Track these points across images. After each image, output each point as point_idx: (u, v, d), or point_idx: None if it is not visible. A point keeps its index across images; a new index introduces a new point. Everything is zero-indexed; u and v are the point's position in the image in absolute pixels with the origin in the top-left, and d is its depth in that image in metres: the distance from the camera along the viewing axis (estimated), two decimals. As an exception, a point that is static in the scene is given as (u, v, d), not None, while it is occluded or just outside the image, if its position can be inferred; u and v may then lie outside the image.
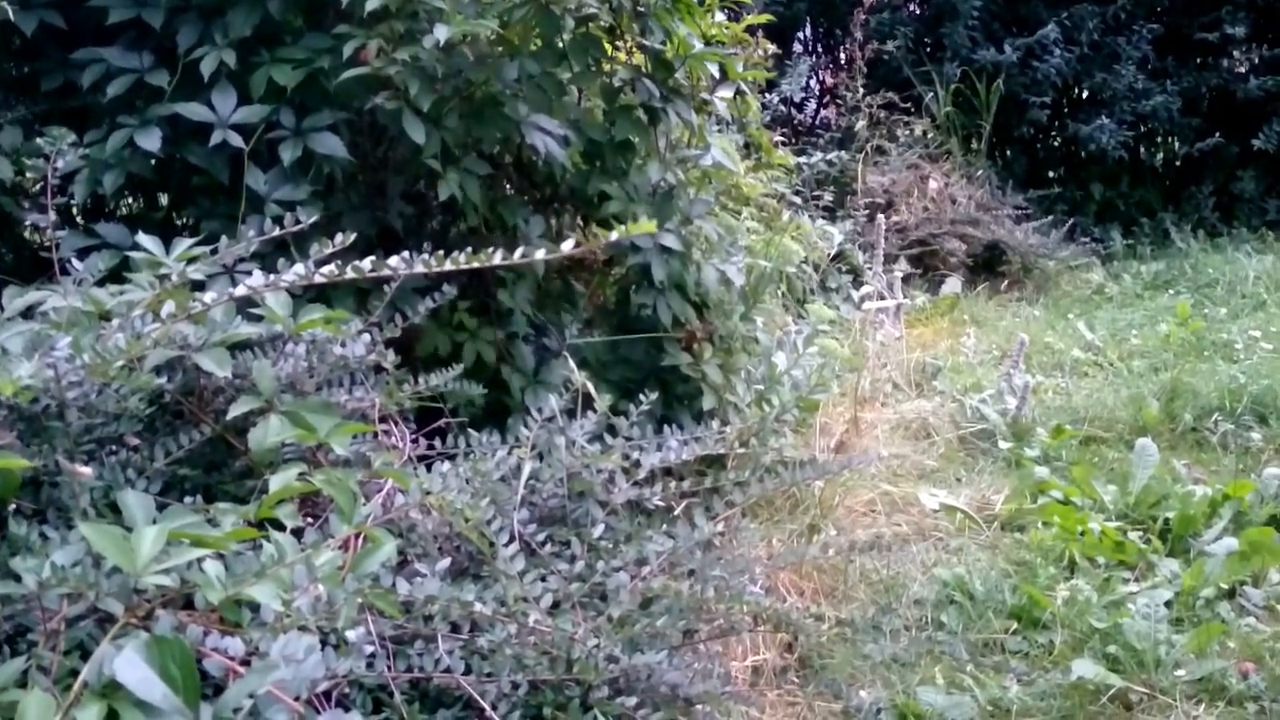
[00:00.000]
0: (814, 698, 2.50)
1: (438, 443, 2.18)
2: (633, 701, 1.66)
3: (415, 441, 2.16)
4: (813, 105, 9.78)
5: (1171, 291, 7.15)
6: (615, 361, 3.10)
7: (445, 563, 1.72)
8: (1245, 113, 8.93)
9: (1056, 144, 9.61)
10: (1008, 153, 9.28)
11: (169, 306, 1.74)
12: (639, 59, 3.07)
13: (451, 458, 2.04)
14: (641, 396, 2.37)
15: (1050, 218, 8.21)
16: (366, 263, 1.76)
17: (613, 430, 2.26)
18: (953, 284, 7.18)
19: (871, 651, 2.68)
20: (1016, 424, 4.41)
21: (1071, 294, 7.35)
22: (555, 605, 1.74)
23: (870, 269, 5.99)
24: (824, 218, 6.88)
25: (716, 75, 3.13)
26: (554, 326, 3.02)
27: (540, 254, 1.80)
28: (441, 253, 1.77)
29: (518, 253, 1.77)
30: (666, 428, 2.28)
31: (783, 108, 8.97)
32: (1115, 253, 8.40)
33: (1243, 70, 9.15)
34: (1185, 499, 3.57)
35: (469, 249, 1.76)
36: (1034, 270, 7.67)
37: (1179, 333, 5.86)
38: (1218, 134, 8.88)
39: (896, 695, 2.55)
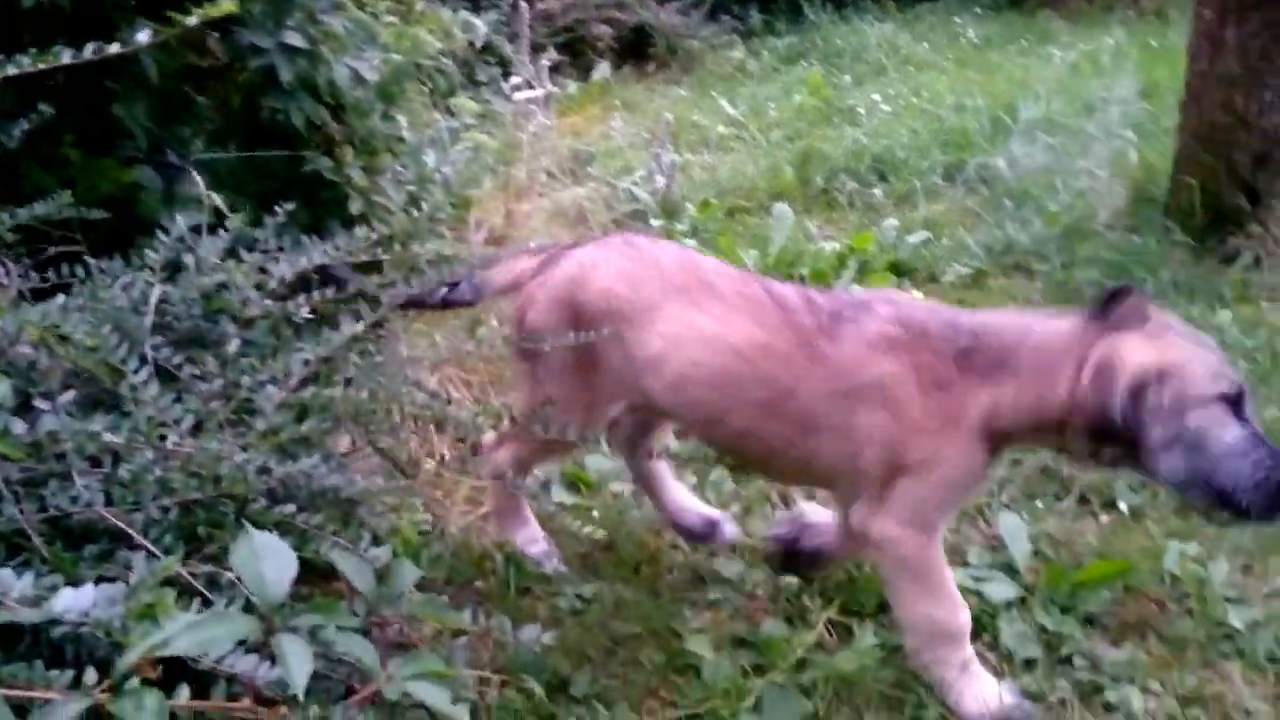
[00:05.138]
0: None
1: (53, 274, 2.03)
2: (291, 508, 1.67)
3: (25, 276, 2.00)
4: (447, -113, 9.32)
5: (804, 63, 7.53)
6: (252, 174, 2.94)
7: (68, 396, 1.64)
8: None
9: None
10: (647, -68, 9.27)
11: None
12: None
13: (67, 288, 1.91)
14: (277, 207, 2.29)
15: (693, -2, 8.36)
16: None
17: (251, 245, 2.18)
18: (602, 69, 7.24)
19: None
20: (666, 201, 4.60)
21: (715, 72, 7.59)
22: (199, 426, 1.70)
23: (519, 59, 5.93)
24: (466, 7, 6.68)
25: None
26: (179, 142, 2.82)
27: (114, 48, 1.66)
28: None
29: (88, 48, 1.63)
30: (314, 237, 2.22)
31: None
32: (754, 29, 8.70)
33: None
34: (818, 255, 3.89)
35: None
36: (679, 51, 7.85)
37: (811, 102, 6.22)
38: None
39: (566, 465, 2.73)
